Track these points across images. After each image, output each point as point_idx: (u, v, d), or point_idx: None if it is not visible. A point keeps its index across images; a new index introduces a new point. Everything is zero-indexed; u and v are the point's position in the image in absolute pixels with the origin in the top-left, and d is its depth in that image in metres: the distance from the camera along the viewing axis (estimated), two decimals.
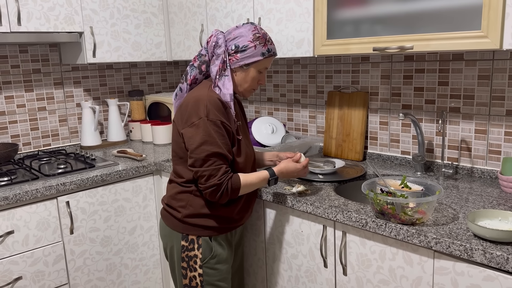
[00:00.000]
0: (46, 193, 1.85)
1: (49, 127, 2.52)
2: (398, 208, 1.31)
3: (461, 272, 1.21)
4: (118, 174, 2.06)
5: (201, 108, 1.40)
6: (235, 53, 1.46)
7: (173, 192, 1.55)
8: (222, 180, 1.40)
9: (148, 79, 2.91)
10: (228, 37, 1.48)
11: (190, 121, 1.42)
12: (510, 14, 1.32)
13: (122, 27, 2.39)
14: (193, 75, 1.52)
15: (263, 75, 1.53)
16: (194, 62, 1.53)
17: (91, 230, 2.03)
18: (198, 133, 1.39)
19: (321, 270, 1.59)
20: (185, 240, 1.51)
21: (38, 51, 2.44)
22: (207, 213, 1.50)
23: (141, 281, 2.25)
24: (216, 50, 1.47)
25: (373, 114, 2.08)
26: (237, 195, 1.45)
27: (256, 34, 1.46)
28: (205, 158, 1.39)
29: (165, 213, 1.58)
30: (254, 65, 1.48)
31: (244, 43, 1.45)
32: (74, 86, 2.59)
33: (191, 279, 1.52)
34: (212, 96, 1.43)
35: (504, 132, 1.70)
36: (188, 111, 1.43)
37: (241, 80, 1.50)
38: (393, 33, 1.59)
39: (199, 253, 1.51)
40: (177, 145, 1.50)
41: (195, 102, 1.43)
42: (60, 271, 1.95)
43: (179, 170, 1.52)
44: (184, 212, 1.50)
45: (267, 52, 1.48)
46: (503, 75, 1.67)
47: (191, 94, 1.47)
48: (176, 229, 1.53)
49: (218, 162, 1.41)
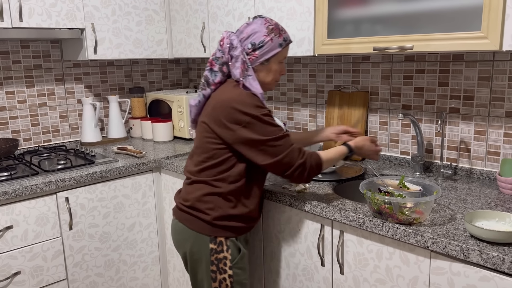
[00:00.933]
0: (45, 189, 1.86)
1: (49, 123, 2.53)
2: (395, 207, 1.31)
3: (457, 272, 1.22)
4: (117, 170, 2.06)
5: (247, 106, 1.38)
6: (253, 51, 1.44)
7: (199, 194, 1.48)
8: (304, 157, 1.42)
9: (149, 76, 2.92)
10: (242, 37, 1.46)
11: (241, 121, 1.38)
12: (510, 15, 1.32)
13: (123, 24, 2.39)
14: (217, 80, 1.49)
15: (282, 65, 1.52)
16: (212, 66, 1.49)
17: (90, 226, 2.04)
18: (257, 129, 1.38)
19: (318, 269, 1.59)
20: (214, 243, 1.47)
21: (39, 47, 2.44)
22: (235, 213, 1.47)
23: (140, 277, 2.25)
24: (233, 52, 1.44)
25: (373, 114, 2.08)
26: (320, 170, 1.47)
27: (269, 26, 1.45)
28: (275, 145, 1.39)
29: (188, 216, 1.50)
30: (274, 58, 1.47)
31: (260, 39, 1.44)
32: (75, 83, 2.59)
33: (221, 281, 1.48)
34: (249, 93, 1.42)
35: (504, 134, 1.70)
36: (231, 112, 1.39)
37: (264, 76, 1.49)
38: (393, 33, 1.59)
39: (228, 255, 1.48)
40: (209, 145, 1.46)
41: (236, 101, 1.39)
42: (59, 266, 1.96)
43: (209, 171, 1.47)
44: (213, 214, 1.46)
45: (284, 42, 1.47)
46: (503, 77, 1.67)
47: (226, 94, 1.43)
48: (204, 232, 1.47)
49: (288, 143, 1.41)
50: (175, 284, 2.32)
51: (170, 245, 2.29)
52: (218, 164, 1.46)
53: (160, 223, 2.29)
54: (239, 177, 1.46)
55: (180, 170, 2.06)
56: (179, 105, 2.55)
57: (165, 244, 2.33)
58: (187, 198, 1.51)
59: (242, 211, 1.49)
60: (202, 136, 1.48)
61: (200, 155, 1.49)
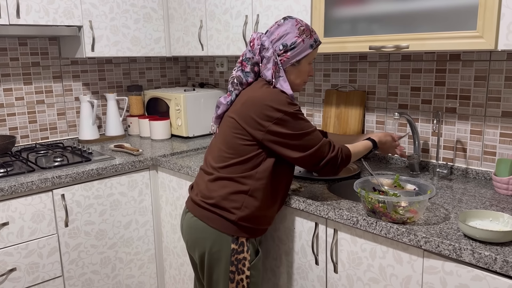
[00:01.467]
0: (41, 185, 1.86)
1: (47, 120, 2.53)
2: (389, 206, 1.31)
3: (450, 271, 1.21)
4: (114, 168, 2.07)
5: (279, 103, 1.39)
6: (285, 53, 1.45)
7: (225, 192, 1.44)
8: (335, 150, 1.45)
9: (148, 74, 2.92)
10: (273, 38, 1.46)
11: (273, 117, 1.38)
12: (506, 14, 1.32)
13: (121, 22, 2.39)
14: (250, 80, 1.49)
15: (311, 66, 1.54)
16: (244, 67, 1.49)
17: (86, 223, 2.04)
18: (289, 125, 1.39)
19: (313, 267, 1.59)
20: (235, 243, 1.44)
21: (37, 44, 2.44)
22: (259, 214, 1.46)
23: (136, 275, 2.26)
24: (265, 53, 1.44)
25: (370, 113, 2.08)
26: (349, 163, 1.50)
27: (300, 27, 1.45)
28: (307, 139, 1.41)
29: (211, 215, 1.46)
30: (304, 59, 1.48)
31: (292, 40, 1.44)
32: (73, 80, 2.60)
33: (238, 282, 1.45)
34: (279, 90, 1.43)
35: (500, 134, 1.69)
36: (263, 109, 1.39)
37: (295, 77, 1.50)
38: (389, 32, 1.59)
39: (247, 255, 1.46)
40: (237, 141, 1.44)
41: (268, 99, 1.39)
42: (55, 263, 1.96)
43: (235, 168, 1.45)
44: (239, 214, 1.43)
45: (314, 43, 1.48)
46: (499, 76, 1.66)
47: (256, 92, 1.43)
48: (227, 232, 1.44)
49: (318, 137, 1.44)
50: (171, 282, 2.32)
51: (166, 243, 2.30)
52: (245, 161, 1.44)
53: (157, 221, 2.29)
54: (266, 173, 1.44)
55: (176, 168, 2.06)
56: (176, 103, 2.55)
57: (162, 242, 2.33)
58: (210, 196, 1.47)
59: (263, 212, 1.47)
60: (230, 132, 1.46)
61: (225, 150, 1.46)
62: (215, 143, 1.54)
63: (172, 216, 2.22)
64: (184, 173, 2.02)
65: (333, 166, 1.46)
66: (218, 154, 1.49)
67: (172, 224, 2.23)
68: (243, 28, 2.11)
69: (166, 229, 2.28)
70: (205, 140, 2.57)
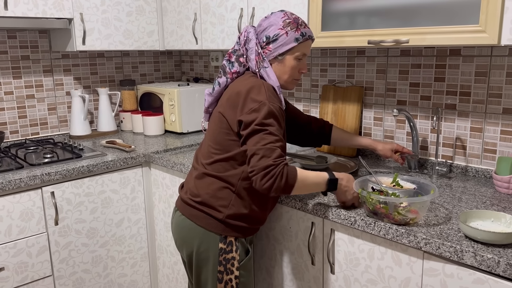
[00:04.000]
0: (30, 183, 1.80)
1: (37, 115, 2.47)
2: (391, 207, 1.27)
3: (451, 274, 1.18)
4: (105, 164, 2.01)
5: (260, 94, 1.32)
6: (267, 45, 1.40)
7: (213, 189, 1.40)
8: (277, 162, 1.24)
9: (141, 68, 2.86)
10: (259, 30, 1.42)
11: (248, 107, 1.32)
12: (510, 8, 1.27)
13: (113, 14, 2.33)
14: (234, 69, 1.45)
15: (303, 62, 1.45)
16: (230, 57, 1.46)
17: (77, 221, 1.99)
18: (259, 115, 1.29)
19: (309, 268, 1.55)
20: (223, 242, 1.41)
21: (27, 37, 2.38)
22: (247, 213, 1.41)
23: (128, 274, 2.21)
24: (248, 45, 1.42)
25: (368, 109, 2.03)
26: (291, 188, 1.27)
27: (286, 20, 1.40)
28: (264, 136, 1.28)
29: (198, 213, 1.42)
30: (289, 53, 1.40)
31: (274, 32, 1.39)
32: (64, 74, 2.53)
33: (227, 282, 1.42)
34: (266, 82, 1.37)
35: (500, 131, 1.65)
36: (243, 99, 1.34)
37: (280, 72, 1.43)
38: (388, 26, 1.54)
39: (236, 255, 1.42)
40: (223, 136, 1.39)
41: (250, 89, 1.34)
42: (44, 262, 1.91)
43: (222, 165, 1.40)
44: (227, 212, 1.39)
45: (301, 37, 1.40)
46: (500, 72, 1.62)
47: (241, 83, 1.38)
48: (215, 231, 1.40)
49: (275, 143, 1.27)
50: (164, 281, 2.28)
51: (159, 241, 2.25)
52: (230, 158, 1.39)
53: (150, 218, 2.25)
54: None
55: (170, 165, 2.01)
56: (170, 98, 2.49)
57: (155, 240, 2.28)
58: (197, 193, 1.43)
59: (253, 211, 1.43)
60: (217, 127, 1.42)
61: (212, 146, 1.42)
62: (204, 139, 1.51)
63: (165, 213, 2.17)
64: (178, 170, 1.97)
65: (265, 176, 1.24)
66: (207, 150, 1.45)
67: (165, 222, 2.18)
68: (238, 22, 2.05)
69: (159, 227, 2.23)
70: (199, 136, 2.52)
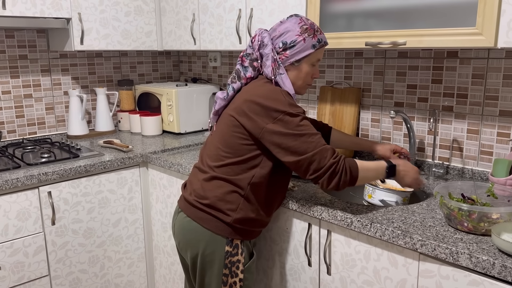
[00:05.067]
0: (27, 182, 1.80)
1: (35, 115, 2.46)
2: (479, 217, 1.20)
3: (446, 275, 1.18)
4: (102, 164, 2.01)
5: (280, 103, 1.31)
6: (284, 51, 1.39)
7: (221, 192, 1.39)
8: (337, 157, 1.29)
9: (139, 68, 2.86)
10: (274, 35, 1.40)
11: (272, 117, 1.31)
12: (507, 11, 1.28)
13: (111, 14, 2.33)
14: (248, 74, 1.43)
15: (316, 68, 1.45)
16: (243, 62, 1.44)
17: (74, 221, 1.99)
18: (288, 126, 1.30)
19: (305, 269, 1.55)
20: (230, 245, 1.40)
21: (25, 37, 2.37)
22: (254, 217, 1.41)
23: (125, 274, 2.21)
24: (264, 50, 1.39)
25: (365, 111, 2.04)
26: (356, 180, 1.31)
27: (303, 26, 1.38)
28: (305, 141, 1.29)
29: (205, 215, 1.40)
30: (305, 59, 1.40)
31: (292, 38, 1.37)
32: (62, 74, 2.53)
33: (231, 285, 1.41)
34: (282, 89, 1.36)
35: (497, 133, 1.66)
36: (263, 107, 1.32)
37: (295, 77, 1.42)
38: (386, 28, 1.54)
39: (242, 258, 1.42)
40: (236, 140, 1.37)
41: (268, 97, 1.32)
42: (41, 262, 1.91)
43: (232, 168, 1.38)
44: (235, 216, 1.38)
45: (317, 43, 1.40)
46: (497, 75, 1.63)
47: (257, 89, 1.36)
48: (222, 234, 1.39)
49: (320, 141, 1.29)
50: (162, 281, 2.28)
51: (156, 241, 2.25)
52: (242, 162, 1.38)
53: (147, 219, 2.25)
54: (262, 179, 1.38)
55: (167, 165, 2.01)
56: (168, 98, 2.49)
57: (152, 241, 2.28)
58: (205, 196, 1.41)
59: (260, 215, 1.43)
60: (229, 130, 1.39)
61: (223, 149, 1.40)
62: (211, 141, 1.47)
63: (162, 214, 2.17)
64: (175, 170, 1.97)
65: (332, 175, 1.29)
66: (215, 153, 1.42)
67: (162, 222, 2.18)
68: (236, 22, 2.05)
69: (156, 227, 2.23)
70: (197, 136, 2.52)
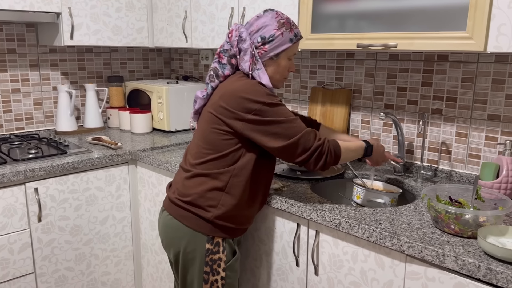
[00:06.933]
0: (13, 178, 1.78)
1: (23, 110, 2.43)
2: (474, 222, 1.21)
3: (432, 277, 1.19)
4: (90, 161, 1.99)
5: (257, 94, 1.33)
6: (263, 45, 1.39)
7: (202, 189, 1.39)
8: (321, 140, 1.35)
9: (129, 65, 2.83)
10: (251, 30, 1.40)
11: (250, 109, 1.32)
12: (497, 15, 1.29)
13: (102, 10, 2.30)
14: (226, 72, 1.43)
15: (292, 62, 1.47)
16: (221, 59, 1.43)
17: (61, 218, 1.97)
18: (267, 114, 1.32)
19: (293, 269, 1.55)
20: (211, 243, 1.40)
21: (13, 31, 2.34)
22: (237, 213, 1.41)
23: (112, 272, 2.19)
24: (242, 45, 1.39)
25: (356, 112, 2.04)
26: (338, 159, 1.38)
27: (280, 20, 1.39)
28: (288, 127, 1.32)
29: (185, 213, 1.41)
30: (283, 53, 1.41)
31: (270, 33, 1.38)
32: (51, 69, 2.50)
33: (213, 283, 1.41)
34: (257, 82, 1.37)
35: (485, 137, 1.68)
36: (241, 100, 1.33)
37: (273, 72, 1.43)
38: (377, 30, 1.55)
39: (223, 256, 1.41)
40: (215, 136, 1.38)
41: (245, 90, 1.33)
42: (26, 259, 1.88)
43: (213, 164, 1.39)
44: (215, 212, 1.38)
45: (294, 37, 1.41)
46: (486, 79, 1.64)
47: (234, 84, 1.37)
48: (202, 231, 1.39)
49: (301, 125, 1.34)
50: (149, 280, 2.27)
51: (144, 239, 2.24)
52: (223, 157, 1.38)
53: (135, 217, 2.23)
54: (244, 171, 1.38)
55: (156, 163, 2.00)
56: (159, 96, 2.48)
57: (140, 239, 2.27)
58: (187, 193, 1.41)
59: (242, 211, 1.42)
60: (208, 127, 1.40)
61: (203, 146, 1.40)
62: (193, 139, 1.48)
63: (150, 212, 2.15)
64: (164, 168, 1.96)
65: (318, 157, 1.35)
66: (197, 150, 1.43)
67: (150, 221, 2.17)
68: (228, 21, 2.04)
69: (144, 226, 2.22)
70: (187, 135, 2.50)
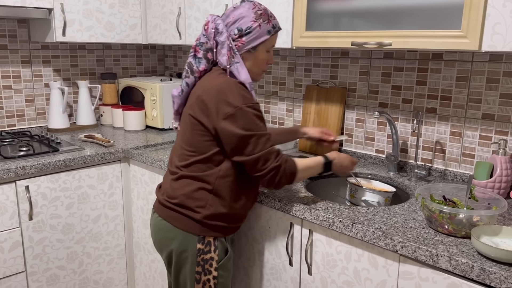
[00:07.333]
0: (3, 176, 1.75)
1: (14, 107, 2.40)
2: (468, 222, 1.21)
3: (426, 277, 1.18)
4: (82, 159, 1.97)
5: (234, 96, 1.29)
6: (240, 38, 1.35)
7: (189, 190, 1.38)
8: (279, 161, 1.32)
9: (123, 62, 2.81)
10: (228, 21, 1.36)
11: (224, 112, 1.29)
12: (491, 14, 1.28)
13: (95, 6, 2.27)
14: (201, 67, 1.39)
15: (270, 54, 1.44)
16: (196, 53, 1.39)
17: (52, 216, 1.94)
18: (239, 123, 1.28)
19: (286, 268, 1.54)
20: (202, 243, 1.39)
21: (5, 27, 2.31)
22: (225, 212, 1.39)
23: (104, 271, 2.17)
24: (218, 38, 1.35)
25: (350, 110, 2.04)
26: (293, 179, 1.37)
27: (257, 11, 1.36)
28: (252, 143, 1.29)
29: (175, 214, 1.40)
30: (261, 46, 1.38)
31: (247, 25, 1.35)
32: (43, 66, 2.47)
33: (205, 282, 1.40)
34: (236, 81, 1.33)
35: (479, 136, 1.67)
36: (216, 102, 1.30)
37: (251, 65, 1.40)
38: (372, 28, 1.54)
39: (215, 255, 1.40)
40: (197, 138, 1.36)
41: (222, 91, 1.30)
42: (17, 258, 1.86)
43: (199, 166, 1.37)
44: (204, 212, 1.37)
45: (272, 29, 1.38)
46: (481, 78, 1.64)
47: (210, 83, 1.34)
48: (192, 231, 1.38)
49: (267, 143, 1.31)
50: (141, 278, 2.25)
51: (137, 238, 2.22)
52: (207, 159, 1.36)
53: (128, 215, 2.21)
54: (229, 171, 1.37)
55: (149, 161, 1.98)
56: (152, 93, 2.46)
57: (132, 237, 2.25)
58: (174, 195, 1.40)
59: (232, 209, 1.41)
60: (189, 129, 1.38)
61: (186, 148, 1.39)
62: (177, 141, 1.46)
63: (143, 210, 2.14)
64: (157, 166, 1.95)
65: (272, 177, 1.33)
66: (181, 152, 1.41)
67: (143, 219, 2.15)
68: None
69: (137, 224, 2.20)
70: None
